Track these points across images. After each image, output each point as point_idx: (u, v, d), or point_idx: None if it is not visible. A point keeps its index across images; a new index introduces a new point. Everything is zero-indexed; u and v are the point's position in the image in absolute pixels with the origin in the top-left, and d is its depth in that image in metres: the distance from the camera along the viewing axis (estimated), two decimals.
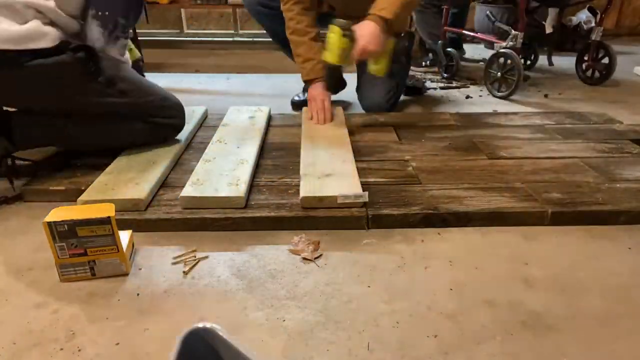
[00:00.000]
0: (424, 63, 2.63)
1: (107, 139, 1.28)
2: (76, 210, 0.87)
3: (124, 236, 0.92)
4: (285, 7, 1.60)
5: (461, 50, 2.80)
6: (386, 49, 1.39)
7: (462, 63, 2.74)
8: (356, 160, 1.26)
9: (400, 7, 1.37)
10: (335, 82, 1.53)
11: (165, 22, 3.57)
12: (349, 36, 1.33)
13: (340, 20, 1.37)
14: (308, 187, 1.10)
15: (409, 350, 0.73)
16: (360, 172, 1.20)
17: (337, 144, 1.38)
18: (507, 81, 2.03)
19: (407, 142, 1.45)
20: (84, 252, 0.87)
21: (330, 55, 1.38)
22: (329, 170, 1.19)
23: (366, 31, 1.34)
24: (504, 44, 2.06)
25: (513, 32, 2.02)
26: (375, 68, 1.44)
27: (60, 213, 0.86)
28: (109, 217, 0.85)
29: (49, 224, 0.83)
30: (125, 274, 0.90)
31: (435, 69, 2.57)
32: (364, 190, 1.08)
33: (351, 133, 1.47)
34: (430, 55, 2.64)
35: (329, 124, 1.54)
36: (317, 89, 1.59)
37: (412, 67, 2.66)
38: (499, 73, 2.05)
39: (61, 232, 0.84)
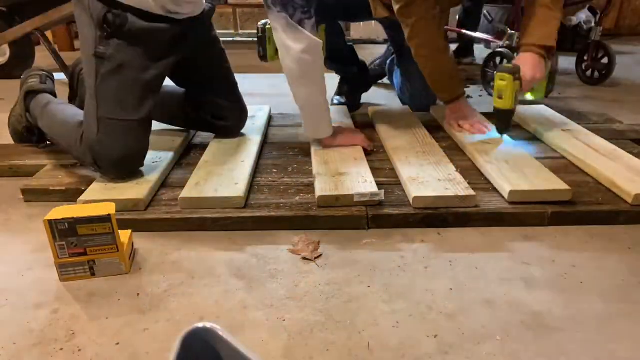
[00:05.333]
0: None
1: None
2: (76, 209, 0.88)
3: (124, 236, 0.92)
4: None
5: (472, 57, 2.76)
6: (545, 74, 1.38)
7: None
8: None
9: (556, 29, 1.35)
10: (509, 124, 1.41)
11: None
12: (519, 78, 1.30)
13: (506, 65, 1.35)
14: (324, 186, 1.10)
15: (409, 350, 0.73)
16: None
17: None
18: None
19: None
20: (84, 251, 0.87)
21: (505, 102, 1.33)
22: (343, 169, 1.19)
23: (529, 65, 1.32)
24: (500, 43, 2.06)
25: (509, 31, 2.02)
26: (535, 93, 1.43)
27: (61, 212, 0.86)
28: (109, 214, 0.85)
29: (50, 222, 0.83)
30: (125, 274, 0.90)
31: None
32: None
33: None
34: None
35: (338, 122, 1.55)
36: (465, 104, 1.52)
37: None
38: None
39: (61, 231, 0.84)
